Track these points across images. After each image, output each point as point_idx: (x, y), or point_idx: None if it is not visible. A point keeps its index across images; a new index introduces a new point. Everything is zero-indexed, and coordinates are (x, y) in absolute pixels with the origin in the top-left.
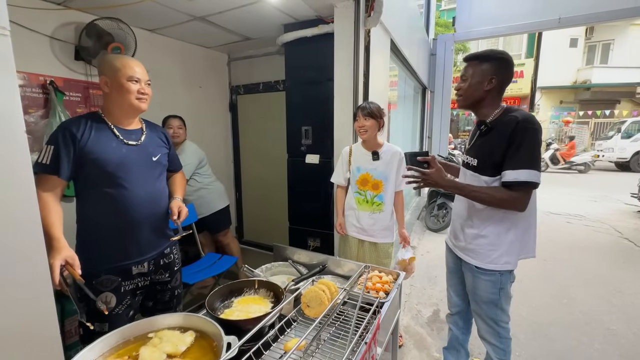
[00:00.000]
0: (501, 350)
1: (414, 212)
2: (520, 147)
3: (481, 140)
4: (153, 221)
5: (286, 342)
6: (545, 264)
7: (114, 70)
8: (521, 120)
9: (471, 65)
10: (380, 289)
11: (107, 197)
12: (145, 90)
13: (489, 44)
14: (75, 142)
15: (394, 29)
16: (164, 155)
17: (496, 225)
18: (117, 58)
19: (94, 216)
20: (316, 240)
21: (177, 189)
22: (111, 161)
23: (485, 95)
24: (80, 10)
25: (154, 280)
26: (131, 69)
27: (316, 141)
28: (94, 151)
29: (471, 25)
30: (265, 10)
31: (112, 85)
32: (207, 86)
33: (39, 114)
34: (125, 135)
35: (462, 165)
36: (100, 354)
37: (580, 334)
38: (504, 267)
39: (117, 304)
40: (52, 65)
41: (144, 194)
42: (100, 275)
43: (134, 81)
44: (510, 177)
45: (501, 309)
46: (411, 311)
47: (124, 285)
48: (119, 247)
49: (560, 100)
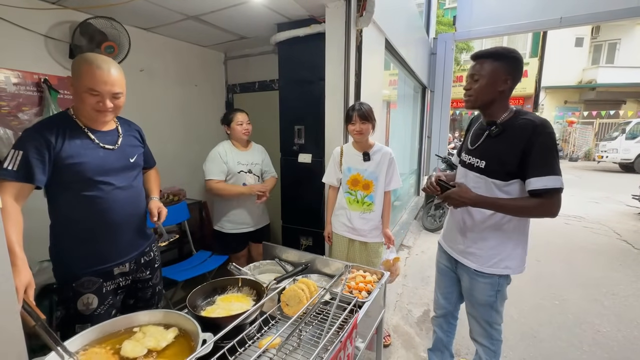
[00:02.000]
0: (492, 352)
1: (412, 211)
2: (543, 153)
3: (491, 141)
4: (132, 222)
5: (261, 340)
6: (539, 265)
7: (77, 75)
8: (539, 125)
9: (483, 64)
10: (363, 288)
11: (84, 201)
12: (107, 104)
13: (493, 42)
14: (50, 147)
15: (389, 28)
16: (140, 155)
17: (499, 231)
18: (86, 62)
19: (71, 220)
20: (308, 239)
21: (153, 187)
22: (89, 165)
23: (498, 96)
24: (75, 9)
25: (135, 279)
26: (92, 80)
27: (308, 140)
28: (70, 155)
29: (472, 25)
30: (257, 9)
31: (73, 91)
32: (204, 85)
33: (33, 112)
34: (101, 138)
35: (461, 165)
36: (79, 347)
37: (570, 336)
38: (503, 272)
39: (99, 305)
40: (47, 64)
41: (122, 196)
42: (81, 278)
43: (93, 94)
44: (537, 185)
45: (496, 311)
46: (402, 311)
47: (106, 285)
48: (99, 250)
49: (564, 100)
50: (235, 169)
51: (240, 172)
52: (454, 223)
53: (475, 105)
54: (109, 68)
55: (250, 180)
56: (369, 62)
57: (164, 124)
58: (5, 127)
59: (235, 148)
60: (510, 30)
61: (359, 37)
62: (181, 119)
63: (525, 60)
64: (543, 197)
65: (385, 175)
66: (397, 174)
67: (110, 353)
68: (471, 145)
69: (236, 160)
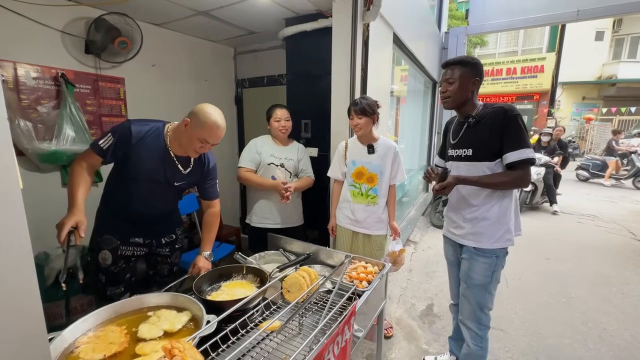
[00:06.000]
0: (479, 338)
1: (420, 208)
2: (515, 131)
3: (471, 131)
4: (160, 221)
5: (262, 323)
6: (549, 262)
7: (198, 125)
8: (508, 110)
9: (455, 69)
10: (364, 278)
11: (123, 198)
12: (205, 150)
13: (508, 36)
14: (129, 143)
15: (397, 23)
16: (188, 183)
17: (497, 205)
18: (210, 118)
19: (111, 206)
20: (314, 232)
21: (207, 237)
22: (145, 171)
23: (470, 95)
24: (90, 6)
25: (153, 252)
26: (210, 136)
27: (315, 134)
28: (139, 155)
29: (485, 18)
30: (265, 4)
31: (187, 130)
32: (213, 79)
33: (51, 105)
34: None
35: (450, 160)
36: (93, 325)
37: (575, 333)
38: (505, 244)
39: (112, 263)
40: (64, 59)
41: (155, 204)
42: (103, 235)
43: (203, 143)
44: (513, 157)
45: (489, 293)
46: (405, 304)
47: (122, 249)
48: (125, 228)
49: (582, 97)
50: (266, 161)
51: (270, 164)
52: (456, 212)
53: (453, 105)
54: (224, 127)
55: (280, 175)
56: (376, 56)
57: (174, 118)
58: (26, 120)
59: (273, 142)
60: (526, 24)
61: (365, 31)
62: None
63: (541, 54)
64: (518, 168)
65: (390, 168)
66: (402, 167)
67: (124, 333)
68: (453, 140)
69: (270, 152)
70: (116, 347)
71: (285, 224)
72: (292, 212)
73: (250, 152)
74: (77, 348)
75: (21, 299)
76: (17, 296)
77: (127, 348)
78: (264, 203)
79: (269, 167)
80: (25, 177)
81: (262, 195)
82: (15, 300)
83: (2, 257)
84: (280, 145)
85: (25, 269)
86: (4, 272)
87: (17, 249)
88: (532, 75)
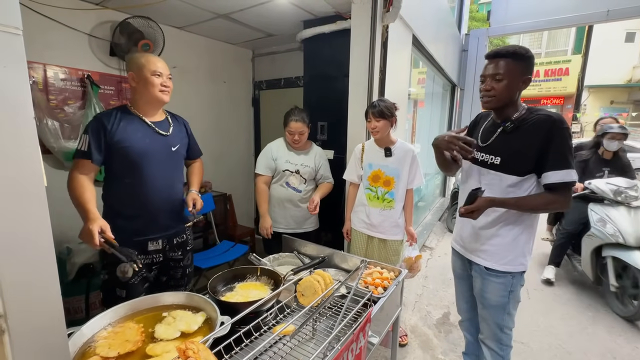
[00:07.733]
0: (500, 357)
1: (436, 213)
2: (562, 148)
3: (505, 138)
4: (169, 208)
5: (275, 327)
6: (575, 275)
7: (139, 66)
8: (557, 121)
9: (505, 63)
10: (379, 284)
11: (127, 187)
12: (167, 83)
13: (531, 38)
14: (106, 131)
15: (416, 24)
16: (183, 145)
17: (513, 226)
18: (142, 55)
19: (116, 202)
20: (328, 234)
21: (194, 180)
22: (134, 149)
23: (517, 95)
24: (116, 10)
25: (167, 257)
26: (154, 64)
27: (331, 137)
28: (121, 140)
29: (507, 20)
30: (284, 6)
31: (138, 80)
32: (232, 81)
33: (77, 105)
34: (156, 125)
35: (475, 164)
36: (111, 321)
37: (604, 350)
38: (517, 269)
39: (133, 275)
40: (90, 61)
41: (161, 183)
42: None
43: (157, 75)
44: (556, 178)
45: (508, 314)
46: (420, 312)
47: (140, 259)
48: (137, 225)
49: (610, 101)
50: (282, 167)
51: (285, 170)
52: (466, 222)
53: (497, 105)
54: (157, 57)
55: (294, 181)
56: (395, 58)
57: (193, 119)
58: (53, 119)
59: (289, 147)
60: (551, 25)
61: (384, 33)
62: (209, 115)
63: (566, 57)
64: (558, 190)
65: (407, 172)
66: (420, 171)
67: (141, 332)
68: (483, 143)
69: (285, 158)
70: (130, 346)
71: (300, 229)
72: (307, 218)
73: (266, 158)
74: (95, 343)
75: (42, 293)
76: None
77: (140, 348)
78: (278, 211)
79: (284, 173)
80: (51, 175)
81: (277, 203)
82: (36, 295)
83: (24, 251)
84: (297, 151)
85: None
86: (26, 267)
87: (40, 243)
88: (556, 78)
